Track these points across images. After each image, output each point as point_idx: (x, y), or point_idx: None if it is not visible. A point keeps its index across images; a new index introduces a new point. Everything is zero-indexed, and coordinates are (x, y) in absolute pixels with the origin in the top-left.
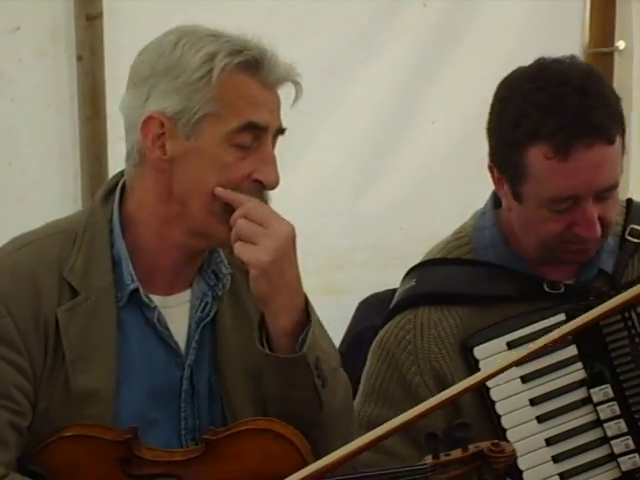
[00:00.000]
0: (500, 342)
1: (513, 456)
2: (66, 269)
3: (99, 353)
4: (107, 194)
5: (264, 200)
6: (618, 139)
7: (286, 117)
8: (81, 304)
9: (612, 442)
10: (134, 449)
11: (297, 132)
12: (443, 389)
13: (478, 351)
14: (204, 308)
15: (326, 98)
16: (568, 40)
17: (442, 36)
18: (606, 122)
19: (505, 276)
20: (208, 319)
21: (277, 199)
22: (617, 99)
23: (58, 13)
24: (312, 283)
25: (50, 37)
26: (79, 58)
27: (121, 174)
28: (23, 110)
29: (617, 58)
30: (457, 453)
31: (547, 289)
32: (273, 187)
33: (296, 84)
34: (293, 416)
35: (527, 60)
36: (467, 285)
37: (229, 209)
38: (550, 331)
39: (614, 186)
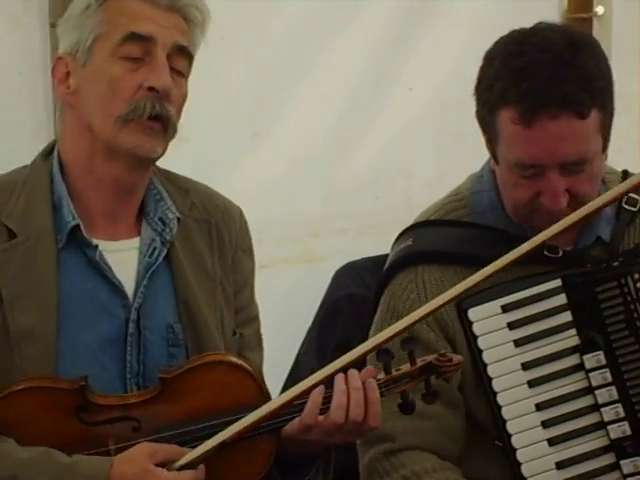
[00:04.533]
0: (494, 305)
1: (460, 365)
2: (4, 214)
3: (38, 293)
4: (47, 151)
5: (163, 108)
6: (594, 115)
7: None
8: (19, 245)
9: (602, 409)
10: (88, 396)
11: (272, 100)
12: (451, 345)
13: (472, 313)
14: (152, 253)
15: (301, 66)
16: (547, 5)
17: (419, 2)
18: (578, 95)
19: (503, 239)
20: (157, 264)
21: (252, 168)
22: (604, 75)
23: None
24: (288, 252)
25: (22, 4)
26: (52, 25)
27: None
28: None
29: (596, 24)
30: (406, 367)
31: (546, 252)
32: (165, 91)
33: (186, 12)
34: None
35: (505, 26)
36: (464, 246)
37: (129, 117)
38: (545, 297)
39: (583, 161)
